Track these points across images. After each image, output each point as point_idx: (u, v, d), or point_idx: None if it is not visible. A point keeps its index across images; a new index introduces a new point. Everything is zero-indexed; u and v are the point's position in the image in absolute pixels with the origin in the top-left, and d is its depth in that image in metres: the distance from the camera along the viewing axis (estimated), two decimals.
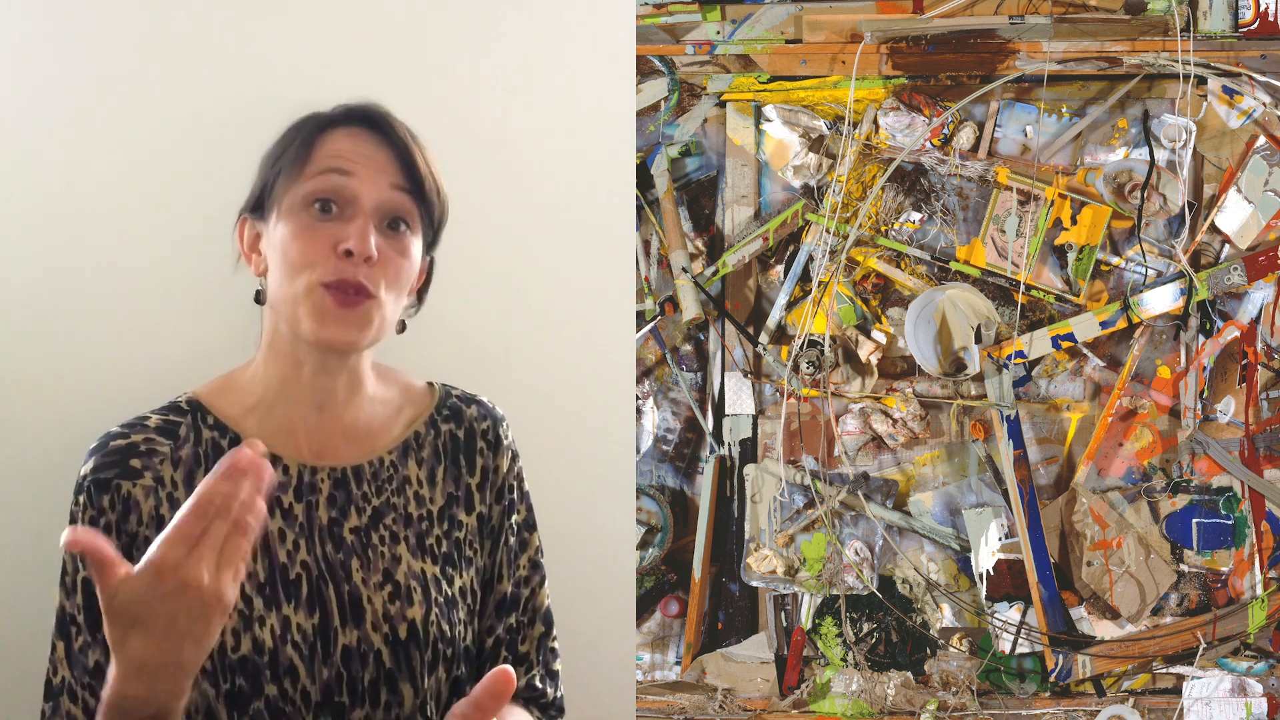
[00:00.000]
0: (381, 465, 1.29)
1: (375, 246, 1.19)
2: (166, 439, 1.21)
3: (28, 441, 1.47)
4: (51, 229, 1.47)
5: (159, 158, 1.49)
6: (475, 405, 1.38)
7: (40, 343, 1.48)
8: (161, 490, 1.19)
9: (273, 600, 1.19)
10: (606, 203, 1.69)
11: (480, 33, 1.60)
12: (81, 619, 1.16)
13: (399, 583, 1.24)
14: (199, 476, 1.20)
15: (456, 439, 1.34)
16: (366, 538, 1.25)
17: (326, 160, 1.21)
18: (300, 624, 1.19)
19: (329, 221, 1.20)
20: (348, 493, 1.26)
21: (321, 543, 1.23)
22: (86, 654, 1.16)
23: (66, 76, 1.47)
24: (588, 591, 1.58)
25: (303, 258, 1.19)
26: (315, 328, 1.19)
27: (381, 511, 1.27)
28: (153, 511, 1.18)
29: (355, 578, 1.23)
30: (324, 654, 1.19)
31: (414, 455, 1.31)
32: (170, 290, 1.50)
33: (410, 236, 1.25)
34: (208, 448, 1.22)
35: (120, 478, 1.18)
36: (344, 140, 1.23)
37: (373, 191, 1.21)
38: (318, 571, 1.22)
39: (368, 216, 1.20)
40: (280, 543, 1.21)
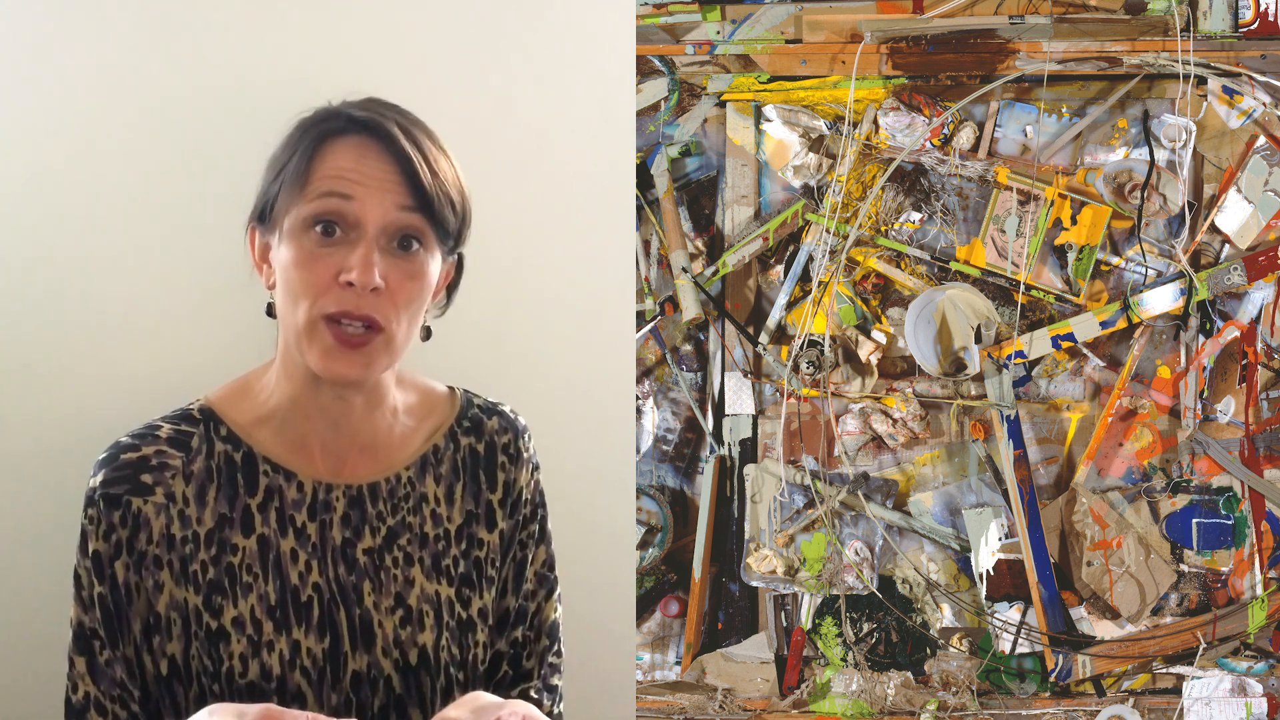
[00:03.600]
0: (399, 482, 1.25)
1: (381, 275, 1.13)
2: (178, 451, 1.18)
3: (38, 445, 1.47)
4: (62, 227, 1.47)
5: (173, 155, 1.49)
6: (497, 417, 1.34)
7: (50, 344, 1.47)
8: (173, 507, 1.16)
9: (283, 624, 1.17)
10: (606, 203, 1.69)
11: (480, 33, 1.60)
12: (104, 633, 1.14)
13: (411, 607, 1.22)
14: (210, 491, 1.18)
15: (476, 454, 1.31)
16: (380, 559, 1.22)
17: (327, 182, 1.14)
18: (310, 648, 1.17)
19: (332, 246, 1.14)
20: (362, 512, 1.23)
21: (334, 564, 1.21)
22: (113, 667, 1.14)
23: (81, 75, 1.47)
24: (588, 591, 1.58)
25: (304, 287, 1.14)
26: (320, 364, 1.15)
27: (396, 532, 1.24)
28: (163, 530, 1.16)
29: (367, 601, 1.21)
30: (333, 679, 1.18)
31: (432, 471, 1.28)
32: (184, 291, 1.50)
33: (423, 254, 1.18)
34: (220, 461, 1.19)
35: (131, 494, 1.15)
36: (346, 155, 1.15)
37: (377, 214, 1.14)
38: (329, 594, 1.19)
39: (372, 242, 1.13)
40: (293, 563, 1.19)
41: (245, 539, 1.18)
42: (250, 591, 1.17)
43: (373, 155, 1.15)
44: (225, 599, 1.16)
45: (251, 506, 1.19)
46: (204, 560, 1.16)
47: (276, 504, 1.20)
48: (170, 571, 1.15)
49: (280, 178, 1.18)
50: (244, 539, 1.18)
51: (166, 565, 1.15)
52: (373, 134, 1.16)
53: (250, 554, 1.18)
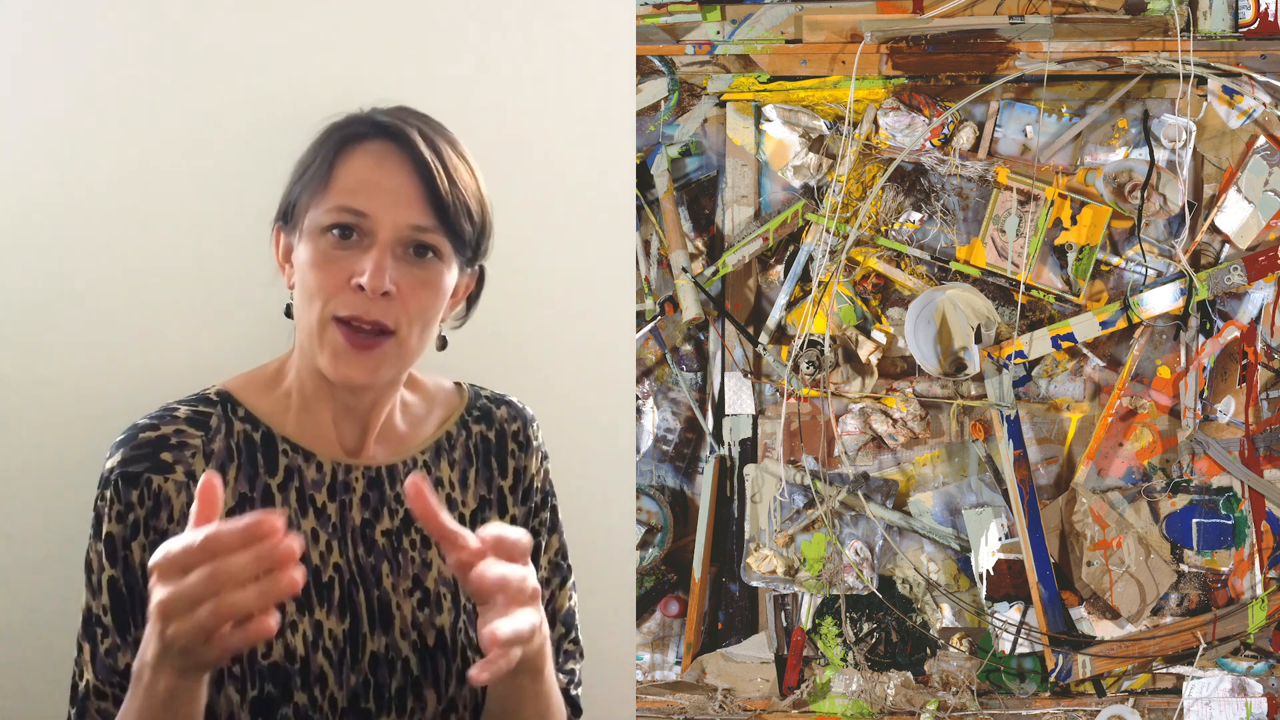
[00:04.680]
0: (415, 466, 1.27)
1: (393, 280, 1.14)
2: (198, 430, 1.18)
3: (44, 439, 1.47)
4: (77, 224, 1.47)
5: (189, 155, 1.49)
6: (505, 406, 1.36)
7: (57, 341, 1.47)
8: (194, 486, 1.14)
9: (305, 604, 1.17)
10: (606, 203, 1.68)
11: (480, 33, 1.60)
12: (109, 620, 1.13)
13: (428, 589, 1.23)
14: (231, 470, 1.18)
15: (488, 440, 1.33)
16: (398, 541, 1.23)
17: (344, 195, 1.16)
18: (331, 629, 1.17)
19: (347, 250, 1.15)
20: (381, 493, 1.24)
21: (354, 545, 1.21)
22: (115, 656, 1.13)
23: (104, 72, 1.47)
24: (588, 591, 1.58)
25: (318, 287, 1.15)
26: (330, 366, 1.16)
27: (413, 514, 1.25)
28: (184, 508, 1.15)
29: (385, 583, 1.21)
30: (353, 660, 1.18)
31: (446, 456, 1.30)
32: (196, 289, 1.50)
33: (438, 264, 1.19)
34: (240, 440, 1.19)
35: (151, 471, 1.14)
36: (365, 163, 1.17)
37: (391, 228, 1.15)
38: (349, 575, 1.20)
39: (385, 248, 1.15)
40: (314, 543, 1.19)
41: None
42: None
43: (392, 162, 1.17)
44: None
45: (272, 486, 1.19)
46: None
47: (297, 484, 1.20)
48: None
49: (303, 180, 1.20)
50: None
51: None
52: (394, 140, 1.17)
53: None
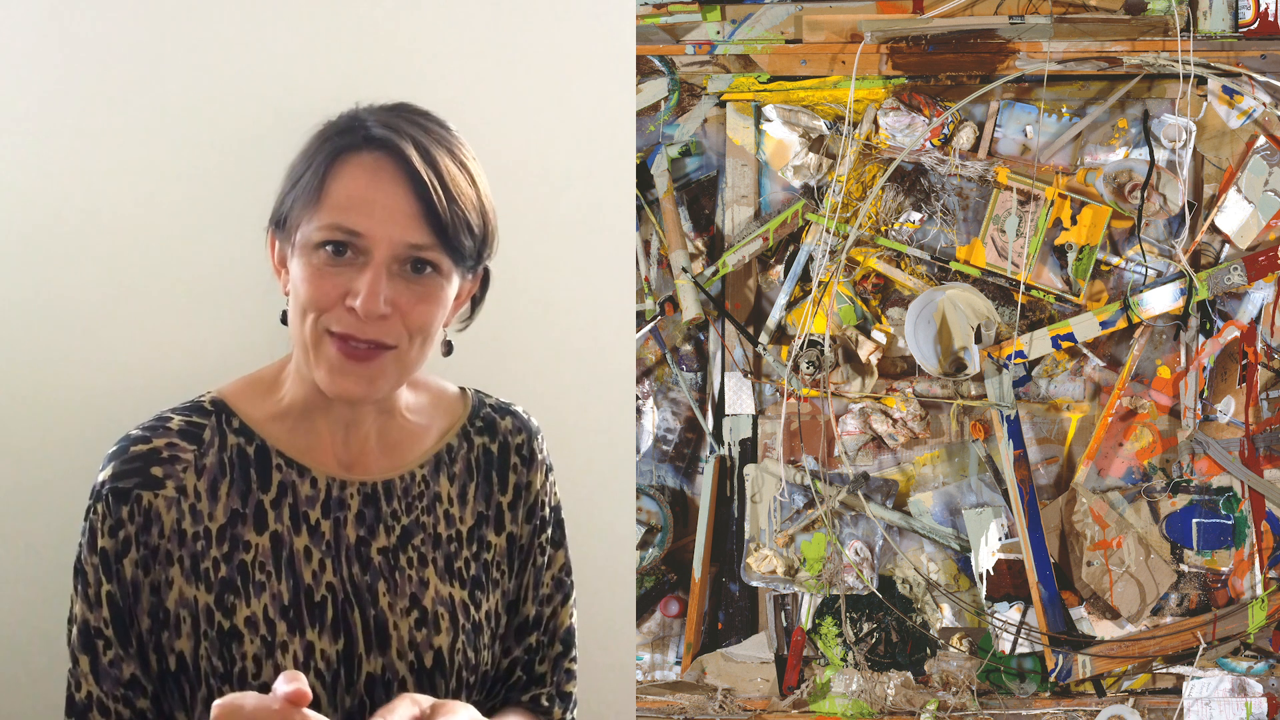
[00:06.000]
0: (413, 480, 1.24)
1: (390, 299, 1.11)
2: (190, 444, 1.16)
3: (42, 440, 1.46)
4: (74, 226, 1.47)
5: (189, 156, 1.49)
6: (510, 417, 1.33)
7: (55, 343, 1.47)
8: (184, 501, 1.14)
9: (297, 624, 1.15)
10: (606, 203, 1.68)
11: (480, 33, 1.60)
12: (110, 632, 1.12)
13: (426, 609, 1.20)
14: (223, 486, 1.16)
15: (490, 453, 1.30)
16: (394, 559, 1.21)
17: (336, 212, 1.11)
18: (324, 650, 1.15)
19: (341, 267, 1.11)
20: (377, 510, 1.21)
21: (348, 563, 1.19)
22: (120, 667, 1.12)
23: (104, 70, 1.47)
24: (588, 591, 1.58)
25: (312, 302, 1.12)
26: (326, 380, 1.13)
27: (411, 531, 1.22)
28: (175, 524, 1.13)
29: (382, 602, 1.19)
30: (348, 682, 1.16)
31: (445, 470, 1.27)
32: (192, 289, 1.50)
33: (437, 278, 1.15)
34: (233, 454, 1.17)
35: (141, 488, 1.13)
36: (358, 179, 1.12)
37: (387, 246, 1.11)
38: (344, 594, 1.18)
39: (380, 268, 1.11)
40: (306, 561, 1.17)
41: (258, 536, 1.16)
42: (263, 590, 1.15)
43: (386, 177, 1.12)
44: (238, 598, 1.14)
45: (265, 502, 1.17)
46: (216, 557, 1.14)
47: (290, 500, 1.18)
48: (180, 568, 1.13)
49: (294, 190, 1.16)
50: (257, 536, 1.16)
51: (177, 561, 1.13)
52: (388, 153, 1.12)
53: (263, 552, 1.16)
